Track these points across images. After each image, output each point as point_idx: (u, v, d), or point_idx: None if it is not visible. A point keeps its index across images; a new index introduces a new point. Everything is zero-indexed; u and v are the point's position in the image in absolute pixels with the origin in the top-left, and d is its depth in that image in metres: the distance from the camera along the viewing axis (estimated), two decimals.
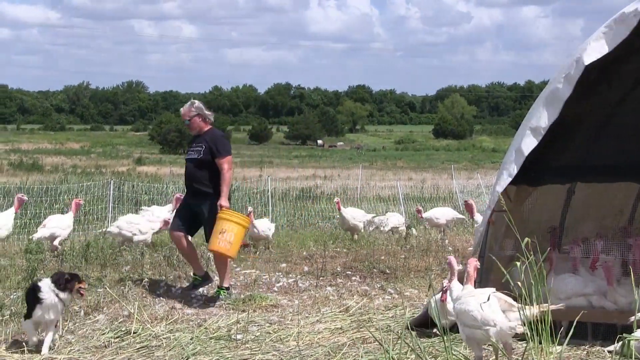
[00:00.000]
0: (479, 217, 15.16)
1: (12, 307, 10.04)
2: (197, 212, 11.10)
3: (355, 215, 17.75)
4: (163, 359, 8.33)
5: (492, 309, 7.16)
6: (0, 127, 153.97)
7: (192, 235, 11.66)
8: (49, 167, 59.34)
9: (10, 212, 14.65)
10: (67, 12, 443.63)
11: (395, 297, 11.47)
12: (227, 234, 10.52)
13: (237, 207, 22.81)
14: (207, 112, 11.29)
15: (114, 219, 19.28)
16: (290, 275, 13.12)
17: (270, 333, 9.27)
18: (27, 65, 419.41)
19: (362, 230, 17.97)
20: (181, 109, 11.54)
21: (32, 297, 8.44)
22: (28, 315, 8.45)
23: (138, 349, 8.61)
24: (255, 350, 8.52)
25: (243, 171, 57.34)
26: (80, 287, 8.56)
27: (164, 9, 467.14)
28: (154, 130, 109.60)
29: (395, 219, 19.04)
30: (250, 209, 14.95)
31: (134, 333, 9.13)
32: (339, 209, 17.77)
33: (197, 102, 11.41)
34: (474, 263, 7.75)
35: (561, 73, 8.46)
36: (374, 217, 19.19)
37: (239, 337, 9.03)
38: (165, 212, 15.66)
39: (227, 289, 11.21)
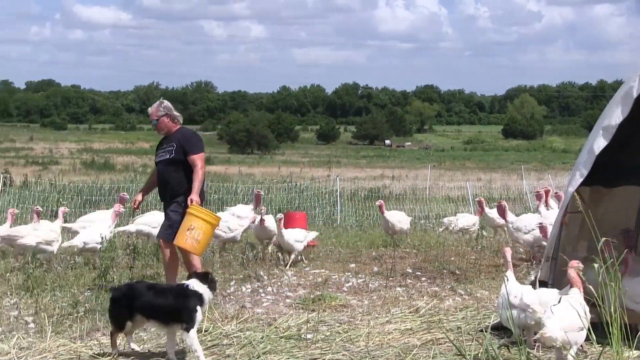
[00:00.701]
0: (512, 217, 14.81)
1: (86, 304, 10.19)
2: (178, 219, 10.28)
3: (400, 218, 17.03)
4: (234, 357, 8.36)
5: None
6: (72, 127, 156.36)
7: None
8: (120, 166, 60.14)
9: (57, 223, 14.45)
10: (138, 13, 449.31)
11: (465, 298, 11.38)
12: (195, 231, 9.98)
13: (304, 207, 22.87)
14: (175, 113, 10.86)
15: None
16: (360, 275, 13.12)
17: (340, 333, 9.25)
18: (99, 66, 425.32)
19: (407, 235, 17.27)
20: (149, 108, 11.04)
21: (192, 301, 8.13)
22: (191, 323, 8.04)
23: (209, 347, 8.66)
24: (326, 350, 8.51)
25: (311, 171, 57.46)
26: None
27: (233, 10, 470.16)
28: (222, 130, 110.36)
29: (465, 220, 18.80)
30: (280, 216, 14.22)
31: (205, 331, 9.18)
32: (382, 213, 16.96)
33: (165, 102, 10.97)
34: (575, 265, 7.84)
35: (637, 72, 8.33)
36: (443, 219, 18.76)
37: (309, 336, 9.03)
38: (249, 211, 15.51)
39: None
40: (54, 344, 8.59)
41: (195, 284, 8.24)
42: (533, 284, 8.96)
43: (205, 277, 8.38)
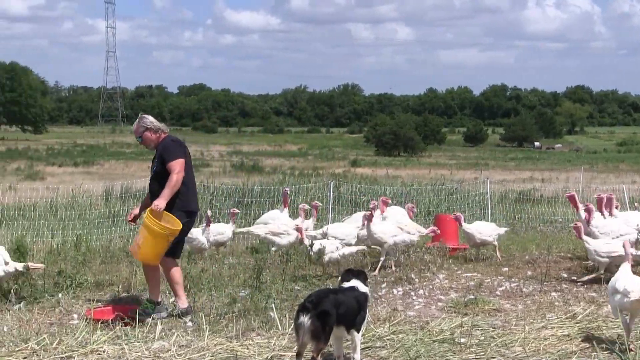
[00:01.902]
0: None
1: (239, 304, 10.35)
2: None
3: (482, 230, 15.08)
4: (387, 359, 8.34)
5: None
6: (222, 130, 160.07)
7: (177, 257, 10.59)
8: (268, 168, 61.04)
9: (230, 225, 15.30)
10: (286, 17, 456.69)
11: None
12: (139, 235, 9.90)
13: (453, 210, 22.60)
14: (158, 125, 10.37)
15: (333, 220, 19.60)
16: (513, 279, 12.89)
17: (494, 338, 9.09)
18: (248, 70, 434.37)
19: (496, 244, 15.18)
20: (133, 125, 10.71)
21: (366, 303, 8.17)
22: (363, 323, 8.11)
23: (363, 349, 8.65)
24: (480, 355, 8.39)
25: (458, 173, 56.98)
26: None
27: (379, 12, 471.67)
28: (369, 132, 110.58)
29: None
30: (410, 205, 13.39)
31: None
32: (460, 225, 15.15)
33: (145, 117, 10.48)
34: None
35: None
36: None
37: (462, 340, 8.91)
38: (403, 214, 15.41)
39: (154, 302, 10.21)
40: (211, 343, 8.76)
41: (359, 285, 8.27)
42: None
43: (364, 276, 8.44)
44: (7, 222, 19.07)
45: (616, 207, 14.81)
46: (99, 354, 8.43)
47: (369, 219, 13.62)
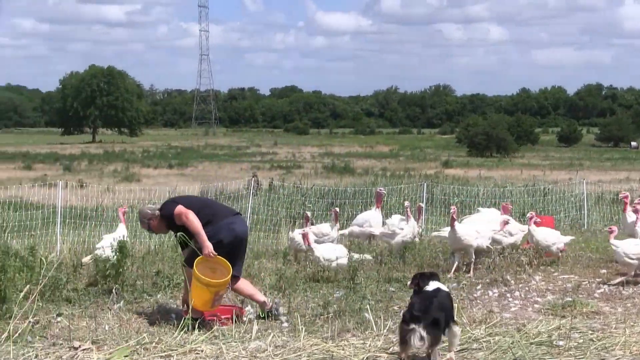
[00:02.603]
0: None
1: (334, 305, 10.39)
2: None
3: (547, 236, 14.47)
4: None
5: None
6: (314, 132, 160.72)
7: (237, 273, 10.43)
8: (360, 169, 61.03)
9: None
10: (378, 19, 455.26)
11: None
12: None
13: (547, 211, 22.32)
14: (148, 212, 10.38)
15: (428, 221, 19.52)
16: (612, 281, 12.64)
17: (593, 341, 8.91)
18: (340, 72, 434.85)
19: (559, 252, 14.56)
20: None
21: (450, 299, 8.21)
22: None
23: (459, 351, 8.58)
24: (580, 358, 8.24)
25: (552, 174, 56.10)
26: None
27: (472, 12, 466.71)
28: (461, 133, 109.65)
29: None
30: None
31: None
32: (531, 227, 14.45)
33: (140, 212, 10.57)
34: None
35: None
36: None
37: (560, 343, 8.77)
38: (498, 214, 15.20)
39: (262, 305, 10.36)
40: (307, 343, 8.80)
41: (441, 286, 8.28)
42: None
43: (438, 277, 8.52)
44: (107, 223, 19.49)
45: None
46: (197, 354, 8.55)
47: (451, 223, 13.46)
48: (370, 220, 15.82)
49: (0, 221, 19.13)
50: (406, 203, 15.43)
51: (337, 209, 16.03)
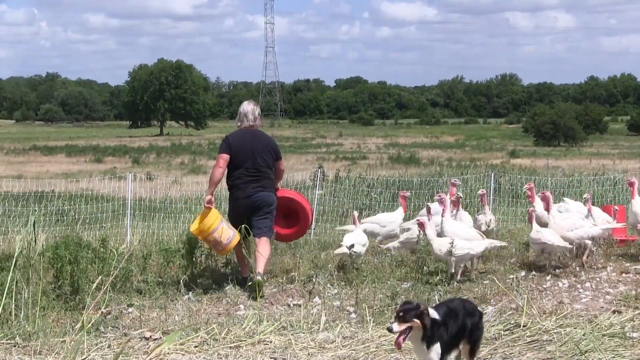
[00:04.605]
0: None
1: (402, 296, 10.34)
2: None
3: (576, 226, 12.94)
4: (554, 354, 8.17)
5: None
6: (379, 122, 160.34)
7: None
8: (425, 160, 60.66)
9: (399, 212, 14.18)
10: (443, 8, 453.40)
11: None
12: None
13: (618, 201, 21.93)
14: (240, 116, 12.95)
15: (494, 212, 19.29)
16: None
17: None
18: (405, 62, 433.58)
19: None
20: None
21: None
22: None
23: (528, 342, 8.52)
24: None
25: (622, 163, 55.15)
26: None
27: (539, 0, 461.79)
28: (527, 122, 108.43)
29: None
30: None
31: (524, 326, 9.05)
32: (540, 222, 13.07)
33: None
34: None
35: None
36: None
37: (634, 335, 8.65)
38: (582, 206, 14.07)
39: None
40: (375, 334, 8.82)
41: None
42: None
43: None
44: (175, 214, 19.67)
45: None
46: (266, 344, 8.61)
47: (528, 219, 12.93)
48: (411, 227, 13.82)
49: (72, 214, 19.43)
50: (480, 191, 14.58)
51: (406, 192, 15.23)
